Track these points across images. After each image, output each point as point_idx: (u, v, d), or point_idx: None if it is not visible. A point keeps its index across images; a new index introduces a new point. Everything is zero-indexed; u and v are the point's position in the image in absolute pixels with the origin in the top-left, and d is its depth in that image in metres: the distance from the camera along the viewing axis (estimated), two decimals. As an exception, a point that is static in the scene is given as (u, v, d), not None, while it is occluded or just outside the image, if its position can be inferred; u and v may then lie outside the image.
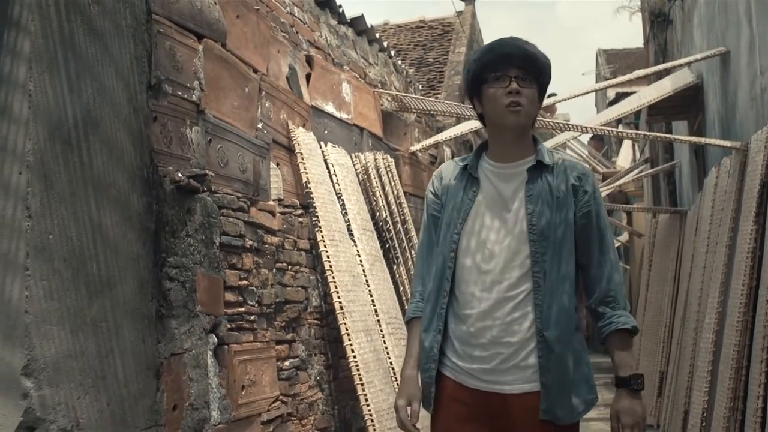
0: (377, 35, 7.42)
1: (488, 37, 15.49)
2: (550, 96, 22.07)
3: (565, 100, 7.86)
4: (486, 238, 2.83)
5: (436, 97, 11.23)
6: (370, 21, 7.24)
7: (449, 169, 3.02)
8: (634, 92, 11.15)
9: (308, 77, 5.58)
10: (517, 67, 2.79)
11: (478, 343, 2.77)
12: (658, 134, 9.45)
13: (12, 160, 2.71)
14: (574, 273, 2.81)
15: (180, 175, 3.60)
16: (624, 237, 21.71)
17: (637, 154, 17.17)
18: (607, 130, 7.49)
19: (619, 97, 14.29)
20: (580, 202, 2.82)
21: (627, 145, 18.57)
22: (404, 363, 2.95)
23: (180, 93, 3.75)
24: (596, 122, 8.80)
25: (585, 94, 7.81)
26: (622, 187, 15.51)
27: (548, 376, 2.71)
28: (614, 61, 29.48)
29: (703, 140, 6.70)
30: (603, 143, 26.52)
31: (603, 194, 17.55)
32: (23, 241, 2.67)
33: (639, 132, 11.29)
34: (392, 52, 8.09)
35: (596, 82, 31.97)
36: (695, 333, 7.16)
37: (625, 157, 19.93)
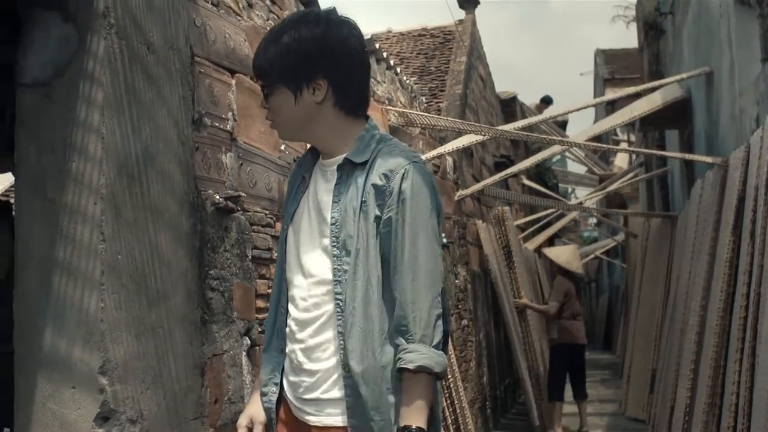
0: (384, 54, 7.93)
1: (485, 37, 15.92)
2: (545, 100, 22.32)
3: (562, 115, 8.34)
4: (299, 250, 2.62)
5: (438, 106, 11.72)
6: (372, 28, 7.74)
7: (305, 158, 2.76)
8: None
9: (323, 99, 6.06)
10: (260, 81, 2.63)
11: (290, 367, 2.63)
12: (644, 150, 9.92)
13: (88, 193, 3.20)
14: (390, 294, 2.44)
15: (218, 197, 4.10)
16: (620, 237, 22.19)
17: (634, 156, 17.62)
18: (597, 146, 7.98)
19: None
20: (384, 205, 2.44)
21: (625, 147, 18.98)
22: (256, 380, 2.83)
23: (217, 124, 4.25)
24: (591, 133, 9.30)
25: (581, 109, 8.30)
26: (618, 189, 15.95)
27: (357, 418, 2.43)
28: (612, 62, 29.87)
29: (687, 156, 7.23)
30: (601, 143, 26.97)
31: (598, 196, 18.07)
32: (99, 261, 3.16)
33: (630, 149, 11.78)
34: (398, 69, 8.59)
35: (594, 82, 32.46)
36: (680, 333, 7.64)
37: (623, 158, 20.37)
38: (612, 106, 12.98)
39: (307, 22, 2.52)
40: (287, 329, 2.64)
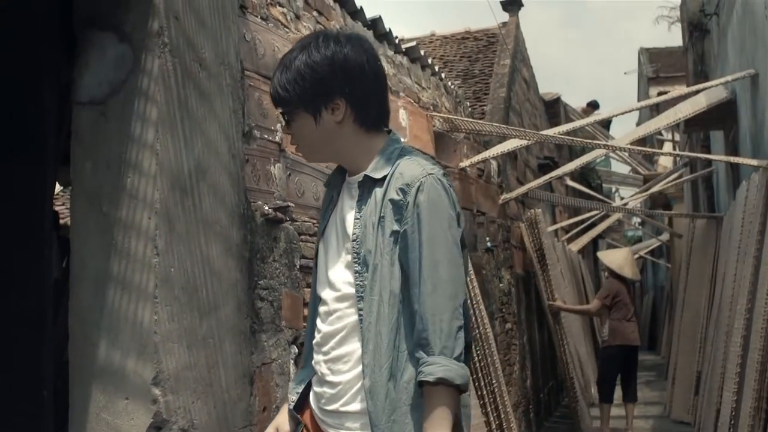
0: (429, 60, 7.98)
1: (527, 37, 15.85)
2: (592, 105, 22.25)
3: (606, 119, 8.33)
4: (327, 266, 2.67)
5: (482, 109, 11.74)
6: (415, 32, 7.78)
7: (334, 177, 2.82)
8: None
9: (369, 107, 6.12)
10: (278, 108, 2.71)
11: (315, 378, 2.69)
12: (689, 154, 9.87)
13: (143, 207, 3.28)
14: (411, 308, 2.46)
15: (267, 208, 4.18)
16: (665, 237, 22.04)
17: (678, 157, 17.47)
18: (642, 150, 7.97)
19: (661, 96, 14.64)
20: (401, 220, 2.46)
21: (668, 147, 18.87)
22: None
23: (266, 136, 4.32)
24: (635, 135, 9.29)
25: (626, 113, 8.29)
26: (662, 189, 15.86)
27: (377, 429, 2.43)
28: (656, 60, 29.61)
29: (732, 159, 7.17)
30: (644, 143, 26.80)
31: (643, 197, 17.97)
32: (152, 274, 3.24)
33: (674, 153, 11.69)
34: (443, 74, 8.63)
35: (638, 81, 32.24)
36: (726, 336, 7.62)
37: (667, 158, 20.21)
38: (657, 107, 12.89)
39: (317, 45, 2.56)
40: (314, 342, 2.70)
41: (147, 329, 3.22)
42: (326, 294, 2.65)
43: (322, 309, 2.65)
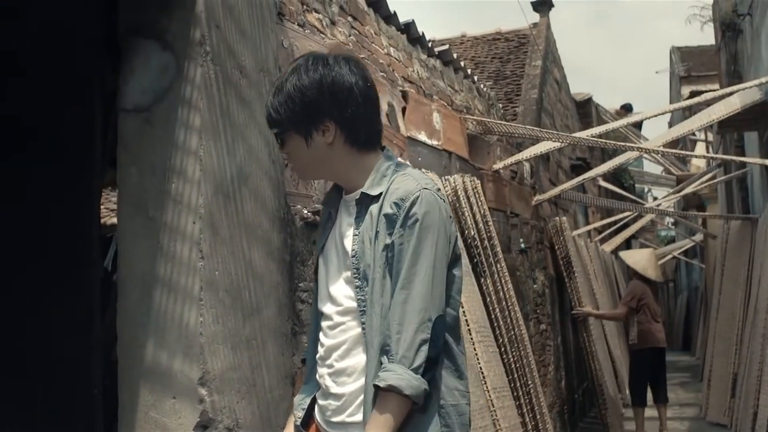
0: (462, 63, 8.04)
1: (557, 36, 15.86)
2: (625, 107, 22.21)
3: (638, 121, 8.35)
4: (328, 282, 2.71)
5: (514, 111, 11.78)
6: (446, 33, 7.83)
7: (330, 195, 2.85)
8: (709, 91, 11.52)
9: (404, 110, 6.20)
10: (272, 129, 2.73)
11: (320, 392, 2.71)
12: (722, 156, 9.85)
13: (188, 213, 3.37)
14: None
15: (306, 212, 4.25)
16: (699, 237, 21.95)
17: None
18: (675, 152, 7.98)
19: (694, 95, 14.58)
20: (393, 233, 2.49)
21: (702, 147, 18.79)
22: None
23: (304, 141, 4.40)
24: (668, 137, 9.29)
25: (658, 115, 8.31)
26: (696, 190, 15.80)
27: None
28: (688, 59, 29.41)
29: (767, 162, 7.17)
30: (677, 144, 26.66)
31: (676, 198, 17.92)
32: (198, 277, 3.33)
33: (708, 155, 11.64)
34: (475, 77, 8.69)
35: (670, 80, 32.09)
36: (763, 339, 7.60)
37: (700, 159, 20.11)
38: (689, 107, 12.86)
39: (307, 68, 2.60)
40: (317, 356, 2.72)
41: (193, 331, 3.31)
42: (328, 308, 2.68)
43: (324, 324, 2.69)
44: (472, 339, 6.06)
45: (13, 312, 3.67)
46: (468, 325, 6.06)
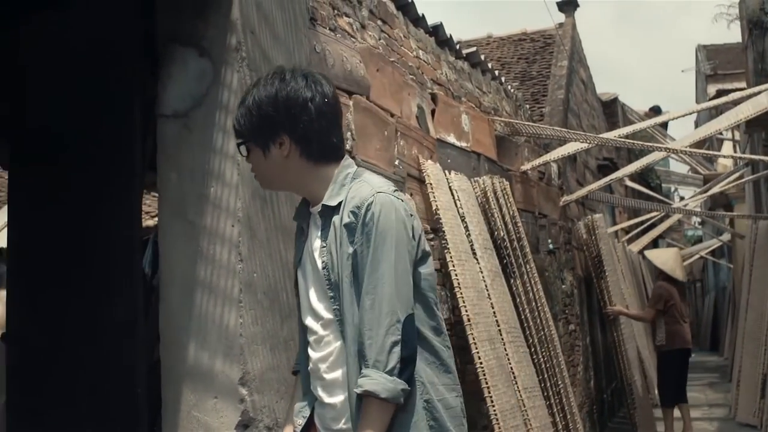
0: (489, 65, 8.09)
1: (582, 35, 15.82)
2: (654, 110, 22.09)
3: (665, 121, 8.35)
4: (308, 294, 2.72)
5: (541, 111, 11.81)
6: (471, 34, 7.87)
7: (300, 208, 2.85)
8: (735, 89, 11.49)
9: (433, 112, 6.26)
10: (236, 140, 2.75)
11: (317, 402, 2.73)
12: (750, 156, 9.82)
13: (226, 216, 3.44)
14: None
15: (340, 214, 4.32)
16: (726, 236, 21.84)
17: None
18: (702, 152, 7.98)
19: (720, 94, 14.52)
20: (354, 241, 2.52)
21: (729, 146, 18.70)
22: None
23: (337, 144, 4.46)
24: (695, 137, 9.29)
25: (684, 116, 8.32)
26: (723, 189, 15.73)
27: None
28: (714, 57, 29.23)
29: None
30: (704, 143, 26.52)
31: (703, 198, 17.87)
32: (237, 279, 3.39)
33: (735, 155, 11.59)
34: (503, 79, 8.74)
35: (696, 79, 31.94)
36: (792, 337, 7.57)
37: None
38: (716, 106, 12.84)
39: (265, 83, 2.64)
40: (309, 368, 2.73)
41: (233, 332, 3.37)
42: (310, 322, 2.70)
43: (310, 338, 2.70)
44: (503, 339, 6.10)
45: (59, 313, 3.76)
46: (499, 326, 6.10)
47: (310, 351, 2.70)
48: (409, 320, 2.48)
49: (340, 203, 2.58)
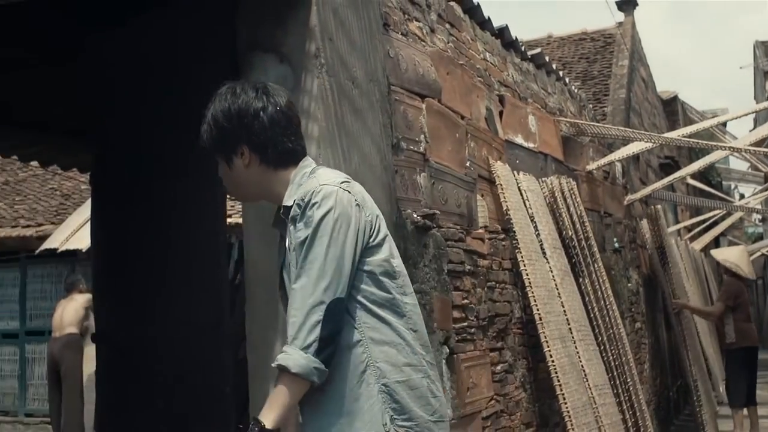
0: (554, 66, 8.12)
1: (641, 33, 15.71)
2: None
3: (725, 121, 8.32)
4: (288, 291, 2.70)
5: (603, 111, 11.79)
6: (531, 35, 7.89)
7: (275, 214, 2.86)
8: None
9: (501, 114, 6.31)
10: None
11: None
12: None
13: (309, 219, 3.54)
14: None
15: (416, 216, 4.39)
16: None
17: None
18: (763, 151, 7.94)
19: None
20: (297, 230, 2.58)
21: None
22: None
23: (412, 147, 4.54)
24: (757, 136, 9.23)
25: (744, 115, 8.28)
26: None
27: None
28: (773, 53, 28.88)
29: None
30: (764, 141, 26.18)
31: (765, 196, 17.67)
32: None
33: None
34: (567, 79, 8.76)
35: (754, 75, 31.52)
36: None
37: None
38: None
39: (220, 99, 2.73)
40: None
41: (317, 331, 3.45)
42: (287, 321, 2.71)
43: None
44: (573, 338, 6.14)
45: (146, 313, 3.87)
46: (569, 324, 6.14)
47: None
48: (335, 303, 2.51)
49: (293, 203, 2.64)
